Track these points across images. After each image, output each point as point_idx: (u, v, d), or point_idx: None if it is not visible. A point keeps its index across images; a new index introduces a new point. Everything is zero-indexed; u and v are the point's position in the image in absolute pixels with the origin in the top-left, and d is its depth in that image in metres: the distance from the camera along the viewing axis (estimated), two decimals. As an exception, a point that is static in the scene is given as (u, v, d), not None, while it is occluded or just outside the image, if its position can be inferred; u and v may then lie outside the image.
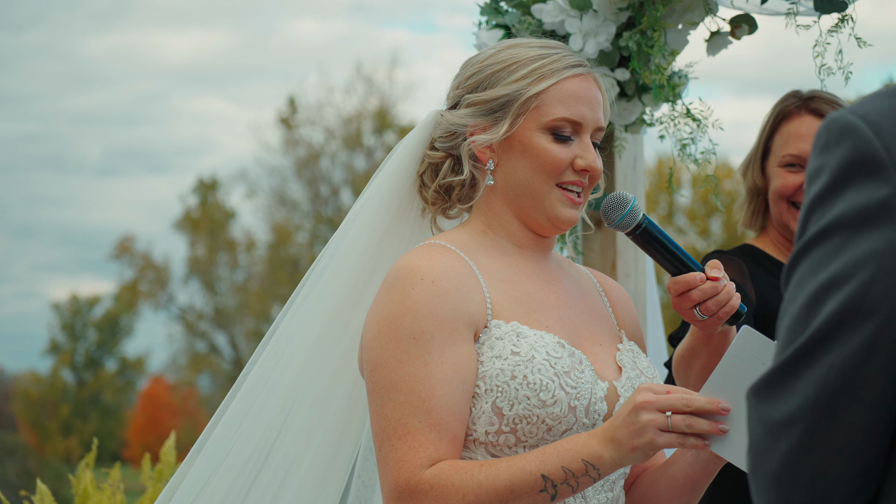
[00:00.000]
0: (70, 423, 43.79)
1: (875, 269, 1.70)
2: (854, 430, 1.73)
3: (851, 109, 1.77)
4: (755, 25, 3.96)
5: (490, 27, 4.09)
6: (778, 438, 1.76)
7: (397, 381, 2.62)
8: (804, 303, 1.75)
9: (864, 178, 1.72)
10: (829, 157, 1.76)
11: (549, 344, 2.68)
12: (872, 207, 1.71)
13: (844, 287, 1.71)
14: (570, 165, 2.82)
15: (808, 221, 1.78)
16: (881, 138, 1.72)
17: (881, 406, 1.73)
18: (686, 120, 3.93)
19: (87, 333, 47.80)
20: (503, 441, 2.66)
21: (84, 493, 4.54)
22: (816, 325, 1.73)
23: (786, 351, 1.76)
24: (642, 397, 2.51)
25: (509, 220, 2.86)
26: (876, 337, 1.70)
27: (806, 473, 1.75)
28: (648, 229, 2.85)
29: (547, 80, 2.80)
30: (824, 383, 1.73)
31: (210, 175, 46.28)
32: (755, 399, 1.80)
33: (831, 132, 1.77)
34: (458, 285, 2.69)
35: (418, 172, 2.96)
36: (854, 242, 1.72)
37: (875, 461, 1.75)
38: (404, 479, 2.58)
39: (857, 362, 1.71)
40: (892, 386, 1.72)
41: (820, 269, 1.74)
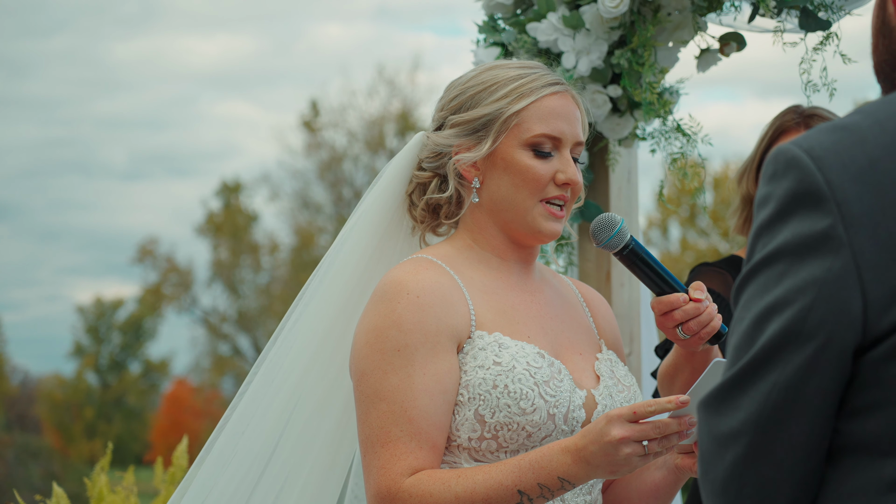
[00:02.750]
0: (94, 426, 44.01)
1: (815, 295, 1.81)
2: (794, 444, 1.85)
3: (797, 143, 1.88)
4: (744, 43, 4.08)
5: (487, 45, 4.21)
6: (725, 450, 1.88)
7: (381, 391, 2.75)
8: (750, 324, 1.87)
9: (807, 209, 1.83)
10: (775, 187, 1.88)
11: (530, 354, 2.80)
12: (813, 237, 1.82)
13: (786, 311, 1.83)
14: (552, 180, 2.93)
15: (755, 246, 1.90)
16: (823, 172, 1.83)
17: (819, 422, 1.85)
18: (676, 134, 4.06)
19: (111, 336, 48.03)
20: (485, 447, 2.77)
21: (99, 496, 4.69)
22: (760, 345, 1.85)
23: (733, 368, 1.88)
24: (619, 433, 2.60)
25: (494, 233, 2.97)
26: (814, 358, 1.82)
27: (750, 483, 1.87)
28: (635, 250, 2.95)
29: (526, 98, 2.92)
30: (767, 400, 1.84)
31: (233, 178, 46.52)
32: (705, 412, 1.92)
33: (779, 163, 1.89)
34: (442, 299, 2.81)
35: (407, 192, 3.08)
36: (796, 269, 1.83)
37: (813, 471, 1.87)
38: (386, 485, 2.71)
39: (797, 381, 1.83)
40: (830, 403, 1.84)
41: (765, 292, 1.86)
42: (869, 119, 1.88)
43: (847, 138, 1.86)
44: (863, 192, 1.81)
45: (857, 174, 1.82)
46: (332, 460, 3.15)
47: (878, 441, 1.83)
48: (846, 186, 1.82)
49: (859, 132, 1.86)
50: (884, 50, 2.11)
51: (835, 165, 1.83)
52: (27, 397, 44.55)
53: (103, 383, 47.19)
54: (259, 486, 3.11)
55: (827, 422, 1.86)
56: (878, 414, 1.83)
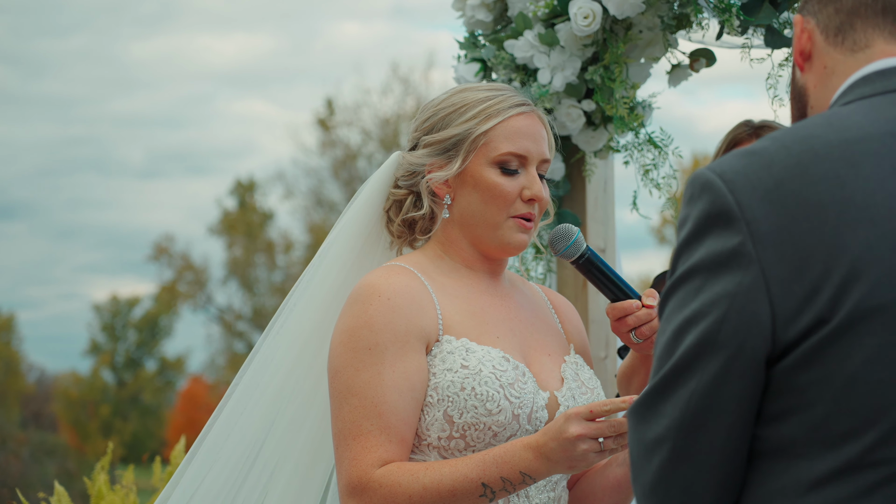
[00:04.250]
0: (110, 423, 44.18)
1: (727, 307, 1.97)
2: (714, 447, 2.01)
3: (711, 168, 2.05)
4: (713, 58, 4.24)
5: (468, 61, 4.38)
6: (651, 455, 2.04)
7: (353, 387, 2.92)
8: (670, 335, 2.03)
9: (720, 228, 1.99)
10: (692, 209, 2.04)
11: (495, 358, 2.97)
12: (725, 254, 1.98)
13: (702, 323, 1.99)
14: (519, 196, 3.09)
15: (676, 263, 2.07)
16: (734, 194, 1.99)
17: (737, 426, 2.01)
18: (649, 146, 4.22)
19: (127, 334, 48.20)
20: (454, 445, 2.95)
21: (98, 494, 4.86)
22: (679, 355, 2.01)
23: (655, 378, 2.04)
24: (576, 430, 2.78)
25: (464, 246, 3.15)
26: (728, 366, 1.98)
27: (675, 485, 2.03)
28: (591, 259, 3.13)
29: (494, 118, 3.09)
30: (687, 406, 2.00)
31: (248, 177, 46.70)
32: (632, 420, 2.08)
33: (695, 187, 2.05)
34: (411, 302, 2.98)
35: (384, 208, 3.26)
36: (711, 284, 1.99)
37: (734, 473, 2.03)
38: (356, 476, 2.88)
39: (713, 388, 1.99)
40: (746, 408, 2.00)
41: (683, 306, 2.02)
42: (776, 144, 2.03)
43: (756, 162, 2.01)
44: (770, 211, 1.97)
45: (765, 195, 1.98)
46: (314, 458, 3.31)
47: (793, 445, 1.99)
48: (755, 207, 1.97)
49: (767, 156, 2.02)
50: (796, 111, 2.32)
51: (744, 187, 1.99)
52: (43, 395, 44.77)
53: (119, 381, 47.35)
54: (247, 481, 3.29)
55: (744, 426, 2.01)
56: (792, 419, 1.99)
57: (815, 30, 2.23)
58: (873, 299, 1.93)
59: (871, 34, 2.18)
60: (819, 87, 2.24)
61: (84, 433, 42.84)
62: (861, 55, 2.18)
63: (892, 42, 2.18)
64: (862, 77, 2.16)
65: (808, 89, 2.27)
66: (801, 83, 2.29)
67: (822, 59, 2.23)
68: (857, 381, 1.94)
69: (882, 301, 1.93)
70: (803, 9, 2.28)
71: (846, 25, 2.20)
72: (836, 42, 2.20)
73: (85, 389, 45.62)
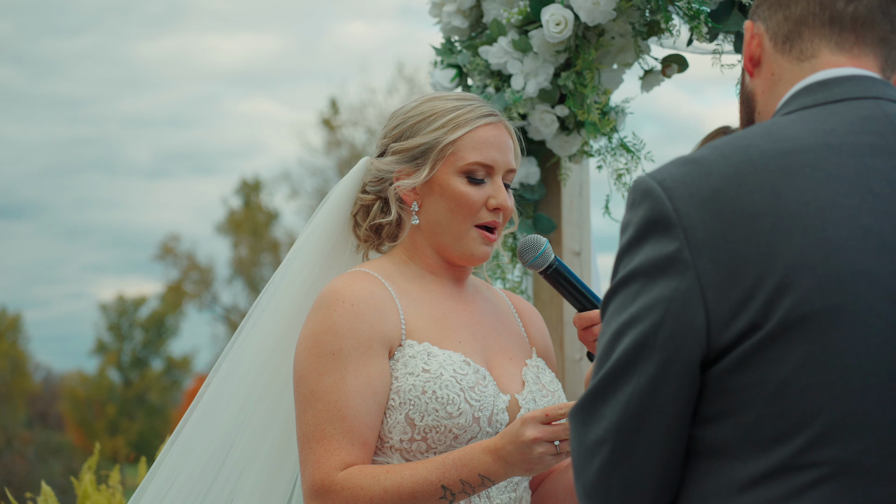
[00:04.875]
0: (116, 423, 44.22)
1: (663, 312, 2.02)
2: (652, 447, 2.06)
3: (652, 175, 2.10)
4: (685, 64, 4.30)
5: (444, 67, 4.44)
6: (592, 456, 2.09)
7: (317, 392, 2.98)
8: (609, 338, 2.08)
9: (658, 234, 2.05)
10: (633, 215, 2.10)
11: (456, 362, 3.02)
12: (663, 260, 2.04)
13: (639, 326, 2.04)
14: (485, 205, 3.15)
15: (617, 267, 2.12)
16: (672, 201, 2.04)
17: (674, 427, 2.06)
18: (622, 151, 4.28)
19: (133, 333, 48.20)
20: (416, 448, 3.00)
21: (84, 494, 4.92)
22: (616, 357, 2.06)
23: (594, 380, 2.09)
24: (532, 433, 2.84)
25: (429, 253, 3.20)
26: (664, 369, 2.03)
27: (616, 485, 2.08)
28: (559, 269, 3.18)
29: (461, 128, 3.14)
30: (626, 409, 2.05)
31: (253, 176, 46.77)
32: (574, 423, 2.13)
33: (636, 193, 2.11)
34: (375, 308, 3.03)
35: (352, 213, 3.31)
36: (648, 289, 2.04)
37: (672, 472, 2.09)
38: (319, 478, 2.94)
39: (650, 390, 2.04)
40: (682, 410, 2.06)
41: (622, 309, 2.07)
42: (716, 153, 2.08)
43: (695, 171, 2.06)
44: (706, 218, 2.02)
45: (702, 203, 2.03)
46: (281, 459, 3.37)
47: (727, 446, 2.04)
48: (692, 214, 2.03)
49: (706, 165, 2.06)
50: (744, 115, 2.37)
51: (682, 195, 2.04)
52: (50, 394, 44.85)
53: (125, 380, 47.35)
54: (216, 482, 3.35)
55: (681, 426, 2.06)
56: (727, 421, 2.04)
57: (765, 36, 2.28)
58: (805, 307, 1.98)
59: (818, 44, 2.23)
60: (766, 93, 2.28)
61: (90, 432, 42.82)
62: (807, 64, 2.22)
63: (838, 53, 2.22)
64: (804, 87, 2.20)
65: (756, 95, 2.31)
66: (749, 88, 2.33)
67: (771, 65, 2.27)
68: (788, 385, 1.99)
69: (813, 309, 1.98)
70: (754, 14, 2.32)
71: (794, 34, 2.24)
72: (784, 50, 2.25)
73: (91, 389, 45.64)
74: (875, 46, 2.24)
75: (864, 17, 2.23)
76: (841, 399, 1.99)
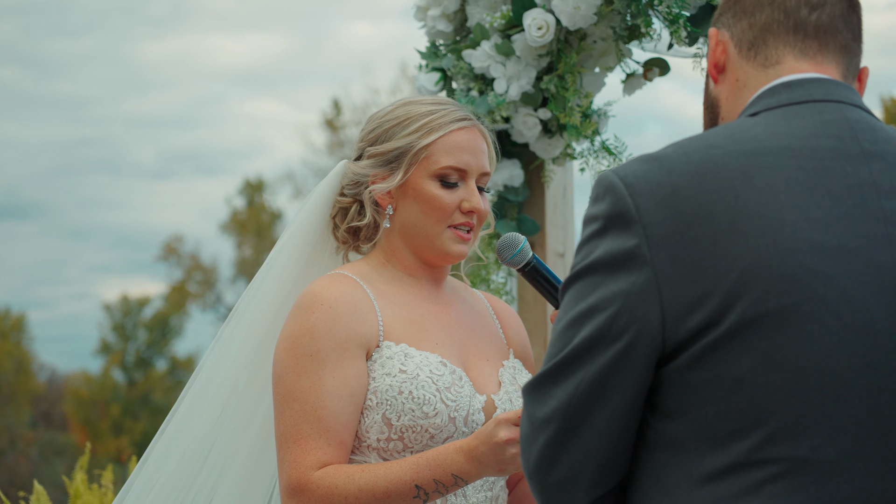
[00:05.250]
0: (121, 423, 44.18)
1: (621, 304, 2.08)
2: (597, 431, 2.13)
3: (615, 171, 2.15)
4: (667, 68, 4.34)
5: (428, 70, 4.49)
6: (539, 433, 2.15)
7: (295, 392, 3.03)
8: (566, 324, 2.14)
9: (619, 228, 2.10)
10: (597, 208, 2.15)
11: (433, 363, 3.07)
12: (622, 254, 2.09)
13: (597, 317, 2.10)
14: (458, 208, 3.19)
15: (577, 257, 2.17)
16: (633, 197, 2.10)
17: (619, 415, 2.12)
18: (604, 153, 4.33)
19: (137, 334, 48.18)
20: (392, 447, 3.05)
21: (76, 493, 4.98)
22: (573, 344, 2.12)
23: (550, 361, 2.15)
24: (505, 434, 2.88)
25: (406, 255, 3.25)
26: (618, 359, 2.09)
27: (559, 462, 2.15)
28: (536, 267, 3.23)
29: (435, 133, 3.19)
30: (575, 392, 2.12)
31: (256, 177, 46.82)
32: (526, 398, 2.20)
33: (599, 188, 2.16)
34: (352, 310, 3.08)
35: (331, 215, 3.36)
36: (607, 281, 2.10)
37: (615, 459, 2.15)
38: (296, 478, 2.99)
39: (601, 377, 2.10)
40: (630, 399, 2.12)
41: (581, 298, 2.13)
42: (679, 151, 2.14)
43: (657, 168, 2.12)
44: (665, 216, 2.08)
45: (662, 200, 2.08)
46: (260, 458, 3.42)
47: (686, 441, 2.10)
48: (652, 211, 2.08)
49: (668, 163, 2.12)
50: (708, 122, 2.41)
51: (643, 192, 2.10)
52: (54, 394, 44.89)
53: (130, 380, 47.31)
54: (196, 481, 3.40)
55: (627, 416, 2.13)
56: (686, 417, 2.10)
57: (730, 43, 2.32)
58: (761, 306, 2.03)
59: (783, 51, 2.27)
60: (731, 98, 2.33)
61: (95, 433, 42.84)
62: (772, 70, 2.27)
63: (801, 59, 2.27)
64: (769, 88, 2.25)
65: (721, 101, 2.35)
66: (713, 94, 2.37)
67: (735, 72, 2.31)
68: (744, 383, 2.04)
69: (769, 308, 2.03)
70: (718, 21, 2.37)
71: (759, 41, 2.29)
72: (749, 56, 2.29)
73: (95, 389, 45.61)
74: (837, 54, 2.29)
75: (826, 26, 2.28)
76: (796, 397, 2.04)
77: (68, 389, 45.31)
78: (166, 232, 64.88)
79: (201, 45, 63.32)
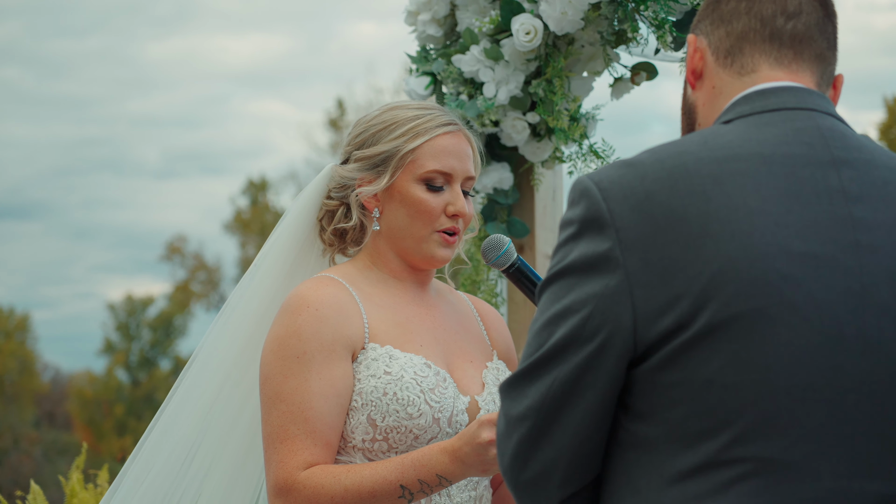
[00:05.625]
0: (124, 423, 44.20)
1: (594, 306, 2.12)
2: (569, 430, 2.17)
3: (591, 176, 2.19)
4: (655, 72, 4.38)
5: (419, 74, 4.53)
6: (514, 430, 2.20)
7: (282, 393, 3.07)
8: (542, 325, 2.18)
9: (594, 232, 2.14)
10: (572, 213, 2.19)
11: (417, 365, 3.11)
12: (596, 257, 2.13)
13: (571, 318, 2.14)
14: (443, 211, 3.24)
15: (554, 260, 2.21)
16: (607, 202, 2.14)
17: (591, 414, 2.16)
18: (592, 157, 4.37)
19: (141, 333, 48.23)
20: (377, 447, 3.09)
21: (71, 493, 5.03)
22: (548, 345, 2.16)
23: (525, 361, 2.20)
24: (488, 435, 2.92)
25: (391, 258, 3.29)
26: (591, 359, 2.13)
27: (532, 460, 2.19)
28: (521, 268, 3.28)
29: (421, 137, 3.23)
30: (549, 391, 2.16)
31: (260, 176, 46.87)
32: (502, 396, 2.24)
33: (575, 193, 2.20)
34: (338, 312, 3.12)
35: (318, 218, 3.40)
36: (581, 284, 2.14)
37: (587, 457, 2.19)
38: (283, 477, 3.03)
39: (574, 377, 2.14)
40: (602, 399, 2.16)
41: (556, 300, 2.17)
42: (652, 157, 2.18)
43: (630, 173, 2.16)
44: (638, 220, 2.12)
45: (635, 205, 2.12)
46: (245, 458, 3.46)
47: (658, 441, 2.14)
48: (625, 215, 2.12)
49: (642, 168, 2.16)
50: (685, 126, 2.45)
51: (617, 197, 2.14)
52: (58, 394, 44.96)
53: (133, 380, 47.34)
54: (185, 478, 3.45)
55: (599, 415, 2.17)
56: (657, 417, 2.14)
57: (707, 50, 2.36)
58: (730, 309, 2.07)
59: (758, 59, 2.31)
60: (707, 105, 2.37)
61: (98, 432, 42.90)
62: (747, 78, 2.31)
63: (777, 68, 2.31)
64: (743, 96, 2.28)
65: (698, 107, 2.39)
66: (691, 100, 2.41)
67: (712, 79, 2.35)
68: (713, 384, 2.08)
69: (738, 311, 2.07)
70: (696, 28, 2.40)
71: (735, 49, 2.32)
72: (726, 64, 2.33)
73: (99, 389, 45.66)
74: (812, 62, 2.33)
75: (802, 35, 2.32)
76: (764, 398, 2.08)
77: (72, 389, 45.36)
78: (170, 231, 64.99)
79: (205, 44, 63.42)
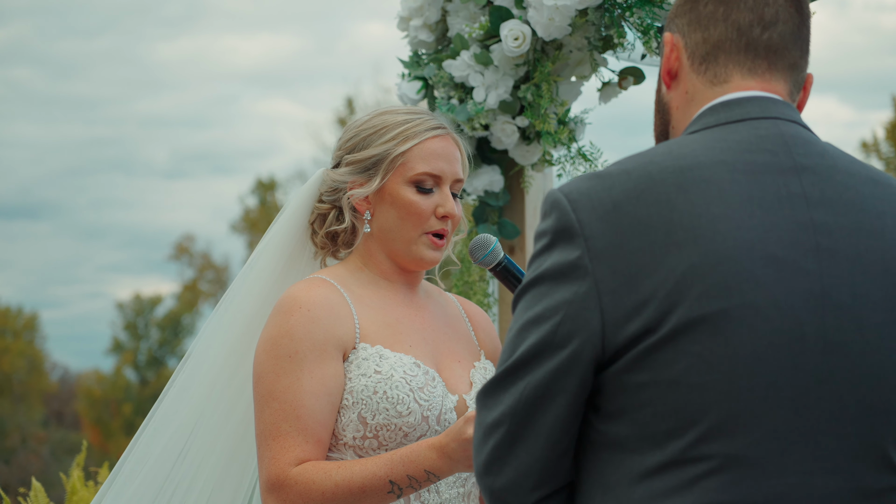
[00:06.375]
0: (133, 422, 44.12)
1: (564, 313, 2.20)
2: (542, 433, 2.24)
3: (562, 188, 2.27)
4: (642, 76, 4.45)
5: (410, 79, 4.61)
6: (488, 437, 2.27)
7: (274, 392, 3.15)
8: (515, 332, 2.26)
9: (564, 242, 2.21)
10: (545, 224, 2.27)
11: (407, 364, 3.20)
12: (567, 266, 2.21)
13: (543, 325, 2.21)
14: (433, 213, 3.32)
15: (529, 269, 2.29)
16: (576, 213, 2.21)
17: (563, 418, 2.23)
18: (580, 160, 4.45)
19: (149, 333, 48.26)
20: (368, 445, 3.17)
21: (72, 490, 5.10)
22: (520, 351, 2.23)
23: (499, 369, 2.27)
24: (472, 431, 2.98)
25: (382, 259, 3.37)
26: (562, 364, 2.20)
27: (507, 465, 2.26)
28: (507, 267, 3.36)
29: (411, 140, 3.31)
30: (521, 396, 2.23)
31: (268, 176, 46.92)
32: (477, 404, 2.31)
33: (546, 205, 2.28)
34: (330, 313, 3.20)
35: (309, 221, 3.48)
36: (553, 292, 2.21)
37: (559, 460, 2.26)
38: (275, 473, 3.12)
39: (546, 382, 2.21)
40: (573, 403, 2.23)
41: (529, 308, 2.24)
42: (619, 169, 2.25)
43: (599, 185, 2.23)
44: (605, 230, 2.19)
45: (603, 215, 2.20)
46: (235, 455, 3.55)
47: (627, 440, 2.21)
48: (593, 225, 2.19)
49: (610, 180, 2.23)
50: (659, 124, 2.51)
51: (586, 207, 2.21)
52: (66, 393, 45.00)
53: (142, 380, 47.34)
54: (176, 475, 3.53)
55: (570, 418, 2.24)
56: (626, 418, 2.21)
57: (683, 51, 2.41)
58: (695, 311, 2.14)
59: (732, 70, 2.36)
60: (680, 109, 2.43)
61: (107, 432, 42.95)
62: (719, 88, 2.36)
63: (749, 78, 2.36)
64: (710, 107, 2.35)
65: (672, 108, 2.45)
66: (665, 99, 2.47)
67: (686, 83, 2.41)
68: (679, 384, 2.15)
69: (703, 313, 2.14)
70: (671, 24, 2.44)
71: (710, 57, 2.38)
72: (700, 70, 2.38)
73: (108, 388, 45.67)
74: (785, 71, 2.38)
75: (777, 45, 2.37)
76: (728, 397, 2.15)
77: (80, 388, 45.37)
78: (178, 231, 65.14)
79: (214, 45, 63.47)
